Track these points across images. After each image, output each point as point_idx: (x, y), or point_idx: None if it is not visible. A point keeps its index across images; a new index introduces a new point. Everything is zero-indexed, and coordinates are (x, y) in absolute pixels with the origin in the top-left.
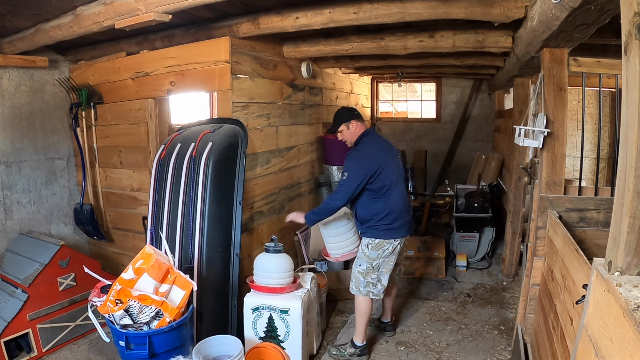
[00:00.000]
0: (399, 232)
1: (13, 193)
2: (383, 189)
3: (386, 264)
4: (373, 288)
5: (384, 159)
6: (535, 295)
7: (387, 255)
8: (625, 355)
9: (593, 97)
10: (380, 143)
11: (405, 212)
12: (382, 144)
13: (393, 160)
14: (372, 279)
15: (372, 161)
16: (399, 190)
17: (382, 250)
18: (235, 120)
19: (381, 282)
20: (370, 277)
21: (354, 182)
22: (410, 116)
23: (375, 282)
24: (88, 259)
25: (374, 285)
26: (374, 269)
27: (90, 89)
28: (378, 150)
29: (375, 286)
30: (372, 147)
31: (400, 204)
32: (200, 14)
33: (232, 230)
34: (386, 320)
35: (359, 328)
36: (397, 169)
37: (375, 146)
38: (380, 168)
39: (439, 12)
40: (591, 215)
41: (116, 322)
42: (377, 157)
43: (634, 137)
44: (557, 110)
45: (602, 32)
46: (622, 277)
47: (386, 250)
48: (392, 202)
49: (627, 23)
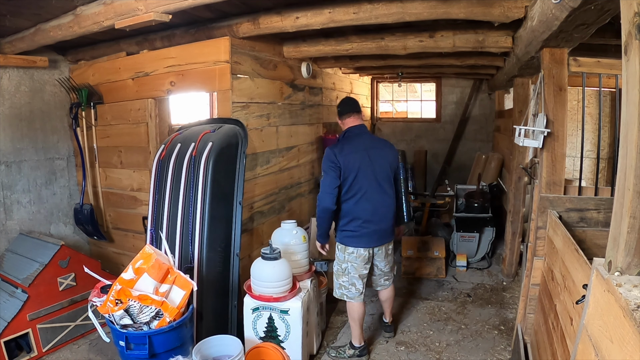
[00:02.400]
0: (363, 241)
1: (13, 193)
2: (349, 193)
3: (356, 270)
4: (346, 291)
5: (358, 163)
6: (535, 295)
7: (354, 260)
8: (625, 355)
9: (593, 97)
10: (361, 144)
11: (375, 222)
12: (363, 145)
13: (377, 165)
14: (343, 281)
15: (340, 161)
16: (372, 197)
17: (347, 255)
18: (235, 120)
19: (355, 286)
20: (341, 279)
21: (327, 180)
22: (410, 116)
23: (347, 286)
24: (88, 259)
25: (347, 288)
26: (344, 272)
27: (90, 89)
28: (352, 151)
29: (348, 290)
30: (346, 147)
31: (369, 212)
32: (200, 14)
33: (232, 230)
34: (385, 320)
35: (354, 331)
36: (380, 175)
37: (349, 148)
38: (349, 171)
39: (439, 12)
40: (591, 215)
41: (116, 322)
42: (348, 158)
43: (634, 137)
44: (557, 110)
45: (602, 32)
46: (622, 277)
47: (352, 254)
48: (358, 209)
49: (627, 23)
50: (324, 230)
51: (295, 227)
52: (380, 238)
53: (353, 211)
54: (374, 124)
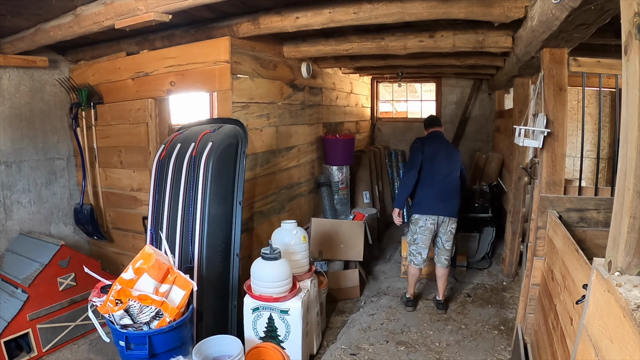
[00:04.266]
0: (431, 210)
1: (13, 193)
2: (425, 173)
3: (423, 240)
4: (414, 258)
5: (435, 152)
6: (535, 295)
7: (422, 232)
8: (625, 355)
9: (593, 97)
10: (441, 141)
11: (441, 199)
12: (440, 141)
13: (448, 156)
14: (412, 249)
15: (424, 148)
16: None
17: (417, 227)
18: (235, 120)
19: (421, 255)
20: (411, 247)
21: (413, 159)
22: (410, 116)
23: (415, 254)
24: (88, 259)
25: (414, 256)
26: (414, 242)
27: (90, 89)
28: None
29: (415, 257)
30: (428, 140)
31: (439, 190)
32: (200, 14)
33: (232, 230)
34: (438, 298)
35: (408, 285)
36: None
37: (430, 141)
38: (429, 156)
39: (439, 12)
40: (591, 215)
41: (116, 322)
42: (429, 147)
43: (634, 137)
44: (557, 110)
45: (602, 32)
46: (622, 277)
47: (421, 227)
48: (430, 186)
49: (627, 23)
50: (404, 198)
51: (295, 227)
52: (444, 210)
53: (426, 188)
54: (373, 124)
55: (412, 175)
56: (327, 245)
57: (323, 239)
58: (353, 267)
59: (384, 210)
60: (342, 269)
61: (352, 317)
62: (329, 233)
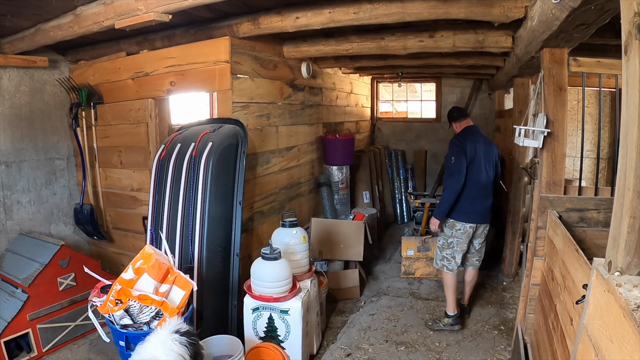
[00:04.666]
0: (471, 217)
1: (13, 193)
2: (467, 175)
3: (459, 244)
4: (447, 263)
5: (476, 151)
6: (535, 295)
7: (460, 235)
8: (625, 355)
9: (593, 97)
10: (479, 138)
11: (481, 201)
12: (480, 139)
13: (488, 154)
14: (446, 254)
15: (466, 148)
16: (483, 179)
17: (455, 230)
18: (235, 120)
19: (455, 260)
20: (445, 252)
21: (458, 163)
22: (410, 116)
23: (449, 258)
24: (88, 259)
25: (449, 260)
26: (449, 246)
27: (90, 89)
28: (472, 142)
29: (449, 262)
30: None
31: (479, 192)
32: (200, 14)
33: (232, 230)
34: (462, 303)
35: (448, 299)
36: (489, 162)
37: (470, 139)
38: (470, 157)
39: (439, 12)
40: (591, 215)
41: (116, 322)
42: (470, 146)
43: (634, 137)
44: (557, 110)
45: (602, 32)
46: (622, 277)
47: (459, 231)
48: (472, 189)
49: (627, 23)
50: (447, 208)
51: (295, 225)
52: (482, 217)
53: (468, 191)
54: (373, 124)
55: (459, 182)
56: (327, 245)
57: (323, 239)
58: (353, 267)
59: (384, 210)
60: (342, 269)
61: (352, 317)
62: (329, 233)
